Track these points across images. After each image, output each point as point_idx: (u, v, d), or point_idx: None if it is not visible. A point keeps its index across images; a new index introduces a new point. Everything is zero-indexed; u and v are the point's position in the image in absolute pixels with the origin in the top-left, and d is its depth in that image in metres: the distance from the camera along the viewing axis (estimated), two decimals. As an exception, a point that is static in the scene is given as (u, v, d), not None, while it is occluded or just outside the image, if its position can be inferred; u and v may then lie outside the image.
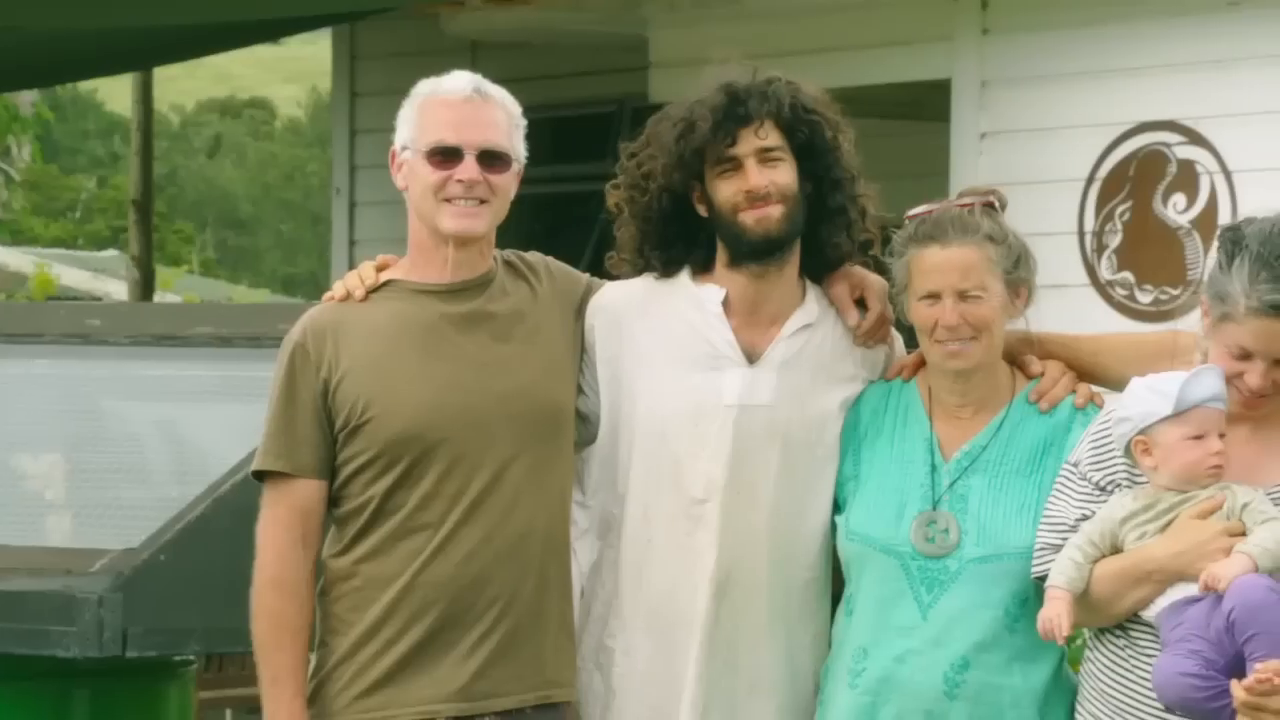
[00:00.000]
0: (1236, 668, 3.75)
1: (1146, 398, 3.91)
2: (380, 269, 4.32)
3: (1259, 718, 3.70)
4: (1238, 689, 3.69)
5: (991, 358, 4.20)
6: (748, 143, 4.21)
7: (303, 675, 4.18)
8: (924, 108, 9.74)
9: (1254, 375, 3.84)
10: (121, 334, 5.75)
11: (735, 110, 4.21)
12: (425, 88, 4.27)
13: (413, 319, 4.22)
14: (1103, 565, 3.92)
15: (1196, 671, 3.75)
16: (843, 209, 4.30)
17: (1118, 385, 4.18)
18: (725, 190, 4.24)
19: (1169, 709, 3.83)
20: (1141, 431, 3.90)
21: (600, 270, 4.50)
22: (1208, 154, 8.58)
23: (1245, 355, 3.84)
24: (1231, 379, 3.87)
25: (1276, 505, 3.88)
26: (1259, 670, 3.68)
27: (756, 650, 4.26)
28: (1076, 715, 4.06)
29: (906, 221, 4.22)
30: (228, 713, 9.57)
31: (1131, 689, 3.94)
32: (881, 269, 4.32)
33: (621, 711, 4.31)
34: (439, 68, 4.35)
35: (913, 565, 4.14)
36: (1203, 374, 3.88)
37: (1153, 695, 3.88)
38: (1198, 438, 3.85)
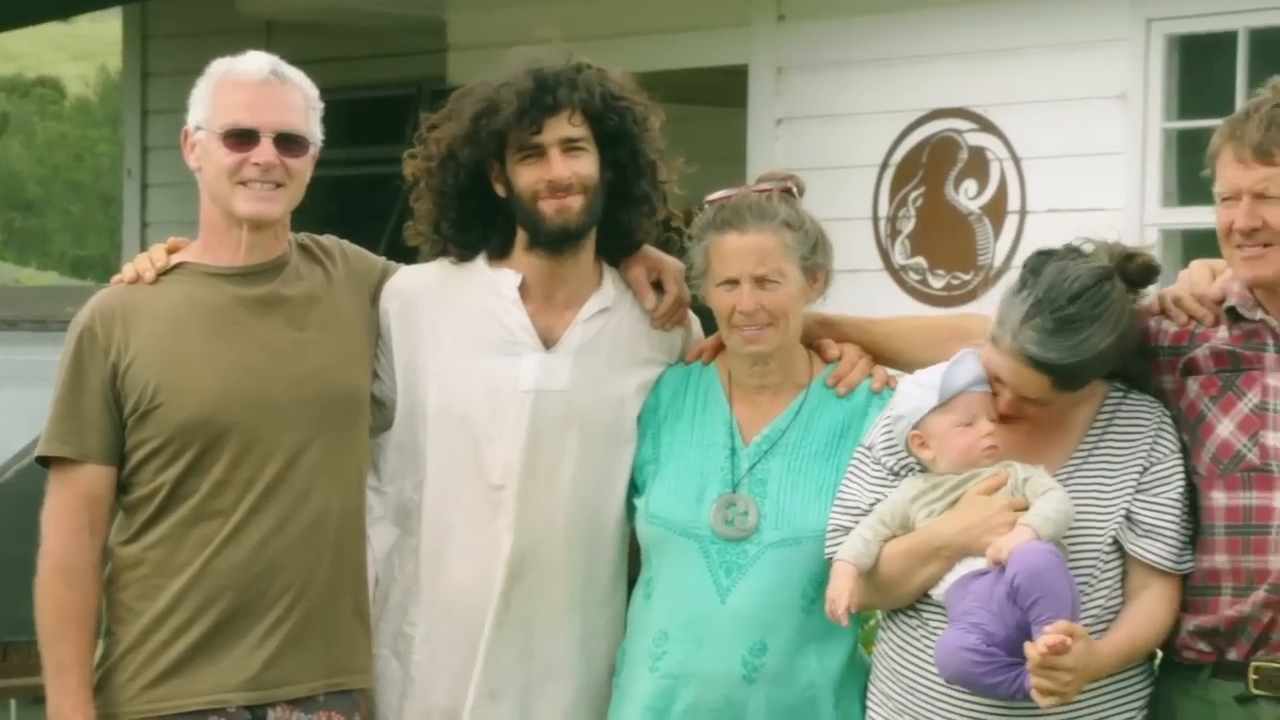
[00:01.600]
0: (1018, 639, 3.80)
1: (914, 393, 3.97)
2: (171, 251, 4.24)
3: (1052, 676, 3.75)
4: (1032, 650, 3.74)
5: (789, 342, 4.22)
6: (553, 132, 4.19)
7: (88, 665, 4.10)
8: (721, 93, 9.78)
9: (1001, 401, 3.93)
10: (-97, 317, 5.61)
11: (543, 98, 4.18)
12: (220, 67, 4.20)
13: (204, 302, 4.15)
14: (892, 544, 3.97)
15: (976, 646, 3.81)
16: (646, 196, 4.30)
17: (912, 368, 4.23)
18: (526, 176, 4.22)
19: (950, 683, 3.88)
20: (915, 426, 3.95)
21: (398, 254, 4.46)
22: (997, 141, 8.70)
23: (999, 380, 3.92)
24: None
25: (1066, 484, 3.93)
26: (1050, 632, 3.73)
27: (552, 634, 4.25)
28: (869, 695, 4.10)
29: (705, 206, 4.23)
30: (12, 703, 9.39)
31: (922, 667, 3.98)
32: (679, 251, 4.33)
33: (420, 698, 4.28)
34: (233, 48, 4.28)
35: (712, 548, 4.16)
36: (963, 360, 3.94)
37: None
38: (967, 424, 3.91)
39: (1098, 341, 3.86)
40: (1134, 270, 3.94)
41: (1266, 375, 3.94)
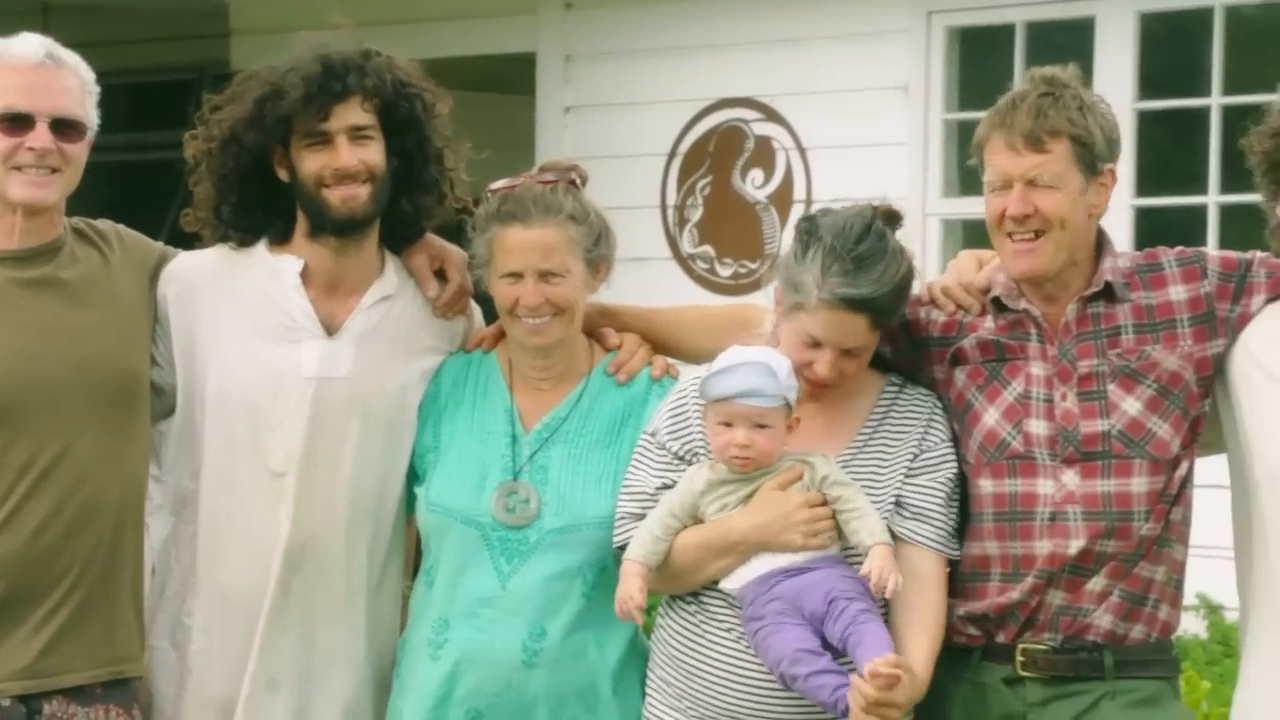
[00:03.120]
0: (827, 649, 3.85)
1: (701, 380, 4.01)
2: (-58, 235, 4.16)
3: (884, 713, 3.75)
4: (865, 686, 3.74)
5: (572, 333, 4.23)
6: (341, 119, 4.16)
7: None
8: (509, 81, 9.79)
9: (822, 365, 3.96)
10: None
11: (331, 85, 4.15)
12: (-8, 49, 4.12)
13: (-24, 285, 4.08)
14: (685, 536, 3.99)
15: (814, 648, 3.82)
16: (432, 184, 4.29)
17: (693, 357, 4.28)
18: (312, 163, 4.19)
19: (785, 684, 3.88)
20: (704, 407, 4.00)
21: (180, 240, 4.41)
22: (783, 130, 8.80)
23: (815, 344, 3.96)
24: (801, 368, 3.97)
25: (848, 466, 3.99)
26: (873, 666, 3.73)
27: (333, 624, 4.23)
28: (648, 680, 4.13)
29: (488, 196, 4.23)
30: None
31: (701, 654, 4.02)
32: (461, 240, 4.33)
33: (197, 689, 4.24)
34: (7, 29, 4.21)
35: (493, 535, 4.17)
36: (733, 370, 3.95)
37: (721, 660, 3.97)
38: (727, 424, 3.95)
39: (895, 271, 3.94)
40: (882, 215, 4.01)
41: (1030, 364, 4.02)
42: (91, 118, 4.15)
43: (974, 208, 8.11)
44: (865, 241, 3.94)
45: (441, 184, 4.31)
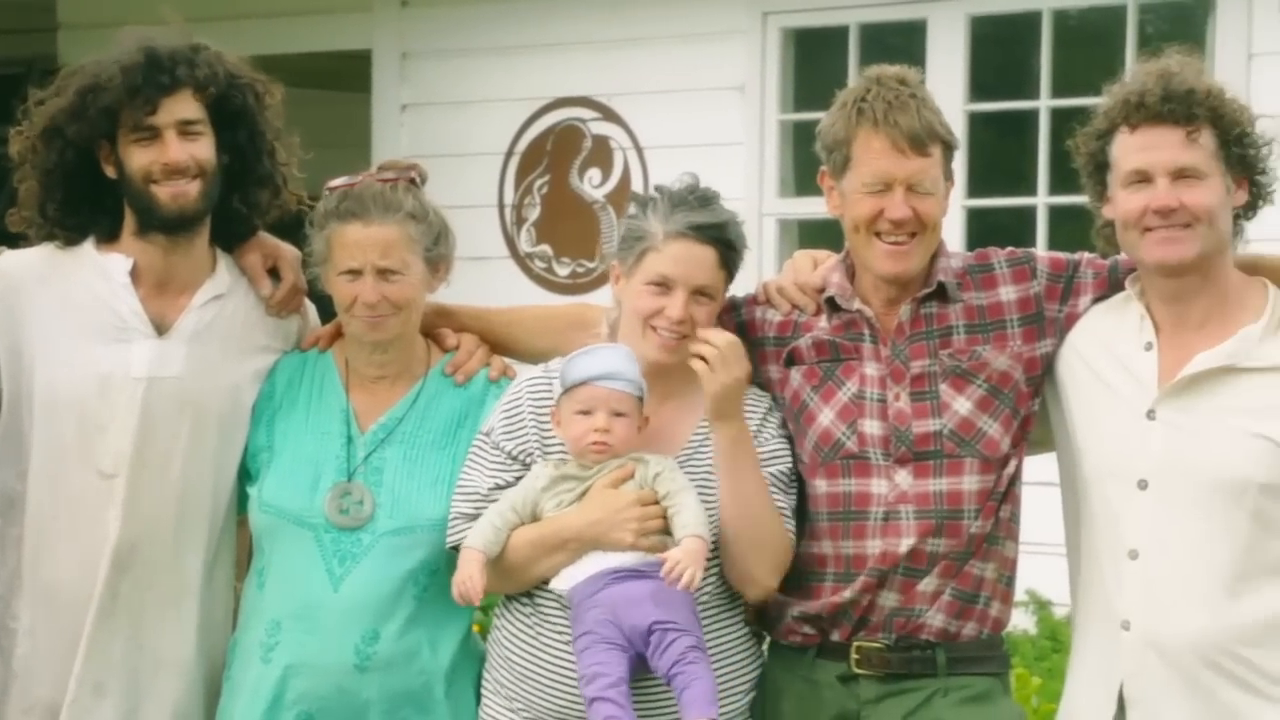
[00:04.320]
0: (639, 663, 3.87)
1: (560, 369, 4.00)
2: None
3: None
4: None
5: (409, 329, 4.22)
6: (169, 113, 4.11)
7: None
8: (344, 78, 9.73)
9: (675, 306, 3.95)
10: None
11: (159, 77, 4.09)
12: None
13: None
14: (520, 532, 3.98)
15: (616, 678, 3.82)
16: (264, 180, 4.25)
17: (530, 357, 4.27)
18: (140, 158, 4.13)
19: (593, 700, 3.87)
20: (556, 401, 3.99)
21: (6, 240, 4.34)
22: (620, 130, 8.81)
23: (665, 288, 3.96)
24: (653, 320, 3.96)
25: (688, 464, 4.00)
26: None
27: (163, 626, 4.19)
28: (484, 682, 4.12)
29: (327, 193, 4.20)
30: None
31: (535, 656, 4.01)
32: (295, 238, 4.29)
33: (23, 693, 4.18)
34: None
35: (326, 537, 4.14)
36: (593, 353, 3.97)
37: (554, 662, 3.97)
38: (585, 413, 3.95)
39: (733, 216, 3.99)
40: None
41: (864, 365, 4.05)
42: (-87, 113, 4.07)
43: (810, 208, 8.20)
44: (700, 190, 4.00)
45: (275, 179, 4.27)
